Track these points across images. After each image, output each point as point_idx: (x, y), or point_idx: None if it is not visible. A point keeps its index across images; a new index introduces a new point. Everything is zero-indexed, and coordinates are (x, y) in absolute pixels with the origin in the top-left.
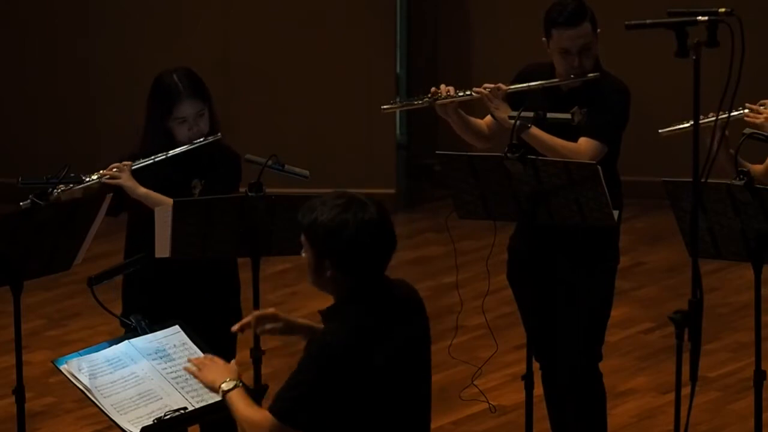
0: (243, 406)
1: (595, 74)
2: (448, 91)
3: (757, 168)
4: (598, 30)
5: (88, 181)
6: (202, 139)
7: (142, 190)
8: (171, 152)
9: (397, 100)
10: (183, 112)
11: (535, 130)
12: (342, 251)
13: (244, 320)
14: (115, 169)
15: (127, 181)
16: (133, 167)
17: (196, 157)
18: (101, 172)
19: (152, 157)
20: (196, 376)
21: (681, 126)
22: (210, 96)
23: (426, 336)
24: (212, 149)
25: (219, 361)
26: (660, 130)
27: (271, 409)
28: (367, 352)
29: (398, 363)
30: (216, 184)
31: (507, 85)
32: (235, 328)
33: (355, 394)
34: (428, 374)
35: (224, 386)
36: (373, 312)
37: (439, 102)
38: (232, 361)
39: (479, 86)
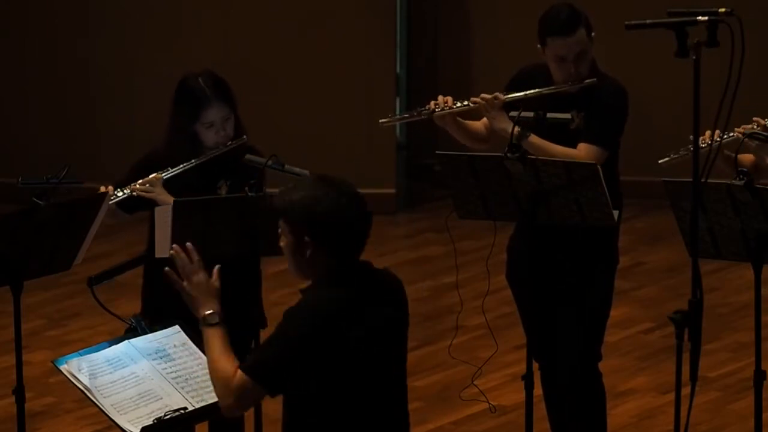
0: (218, 349)
1: (593, 80)
2: (446, 101)
3: (746, 157)
4: (593, 33)
5: (122, 195)
6: (229, 143)
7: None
8: (199, 160)
9: (396, 113)
10: (211, 117)
11: (534, 138)
12: (319, 223)
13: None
14: (148, 184)
15: (160, 194)
16: (164, 178)
17: (222, 158)
18: (132, 186)
19: (181, 166)
20: (183, 285)
21: (679, 154)
22: (235, 99)
23: (404, 321)
24: (238, 150)
25: (212, 285)
26: (660, 161)
27: (241, 366)
28: (341, 323)
29: (372, 341)
30: (242, 185)
31: (503, 91)
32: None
33: (325, 363)
34: (404, 358)
35: (208, 316)
36: (350, 288)
37: (437, 114)
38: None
39: (479, 88)
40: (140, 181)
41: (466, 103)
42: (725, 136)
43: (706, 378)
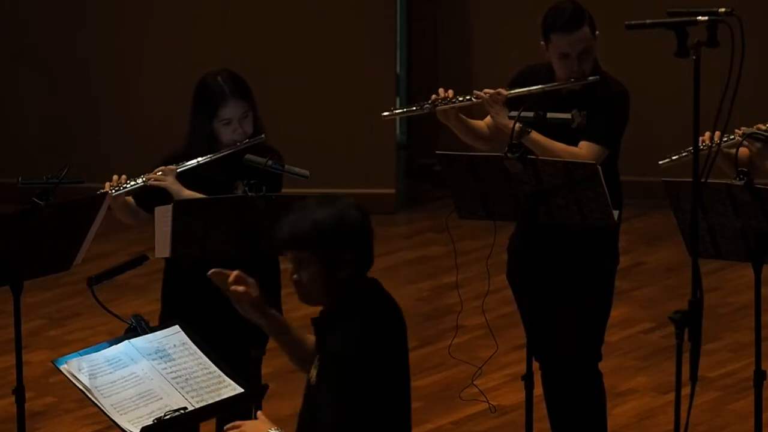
0: None
1: (595, 77)
2: (447, 95)
3: (743, 151)
4: (597, 32)
5: (134, 184)
6: (246, 141)
7: (187, 192)
8: (215, 155)
9: (397, 106)
10: (228, 114)
11: (535, 134)
12: (353, 237)
13: (226, 271)
14: (160, 173)
15: (172, 184)
16: (178, 170)
17: (240, 158)
18: (147, 175)
19: (196, 160)
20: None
21: (679, 155)
22: (254, 97)
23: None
24: (255, 150)
25: (247, 422)
26: (660, 162)
27: None
28: (379, 358)
29: (396, 361)
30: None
31: (506, 89)
32: (210, 273)
33: (377, 399)
34: (408, 369)
35: None
36: (373, 308)
37: (439, 108)
38: (260, 413)
39: (479, 88)
40: (156, 169)
41: (468, 97)
42: (725, 139)
43: (706, 378)
